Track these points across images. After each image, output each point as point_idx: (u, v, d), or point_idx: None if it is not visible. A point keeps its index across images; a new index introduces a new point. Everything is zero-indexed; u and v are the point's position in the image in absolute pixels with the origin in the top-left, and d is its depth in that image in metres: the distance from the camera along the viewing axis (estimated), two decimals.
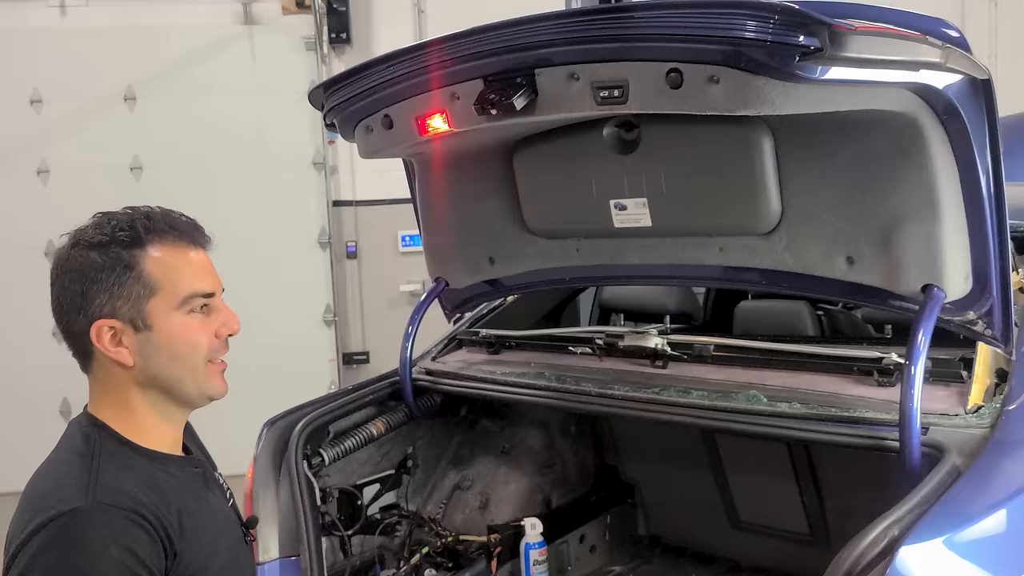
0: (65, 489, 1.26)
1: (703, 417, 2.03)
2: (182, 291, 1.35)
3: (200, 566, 1.33)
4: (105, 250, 1.32)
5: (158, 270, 1.34)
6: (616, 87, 1.65)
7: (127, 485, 1.28)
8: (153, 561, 1.25)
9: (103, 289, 1.32)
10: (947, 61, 1.55)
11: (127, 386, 1.35)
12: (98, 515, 1.23)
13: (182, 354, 1.35)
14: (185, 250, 1.37)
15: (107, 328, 1.32)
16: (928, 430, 1.68)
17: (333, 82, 2.08)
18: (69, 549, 1.20)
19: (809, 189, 1.88)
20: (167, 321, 1.34)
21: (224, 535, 1.44)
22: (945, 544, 1.37)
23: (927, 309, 1.72)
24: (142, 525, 1.25)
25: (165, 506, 1.30)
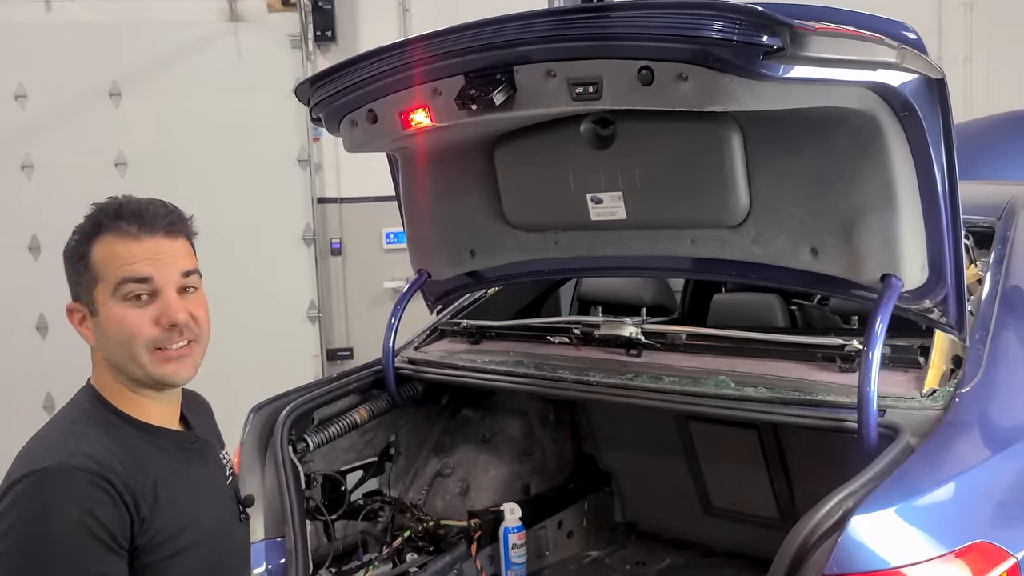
0: (43, 450, 1.34)
1: (674, 401, 2.11)
2: (113, 278, 1.40)
3: (172, 533, 1.38)
4: (75, 239, 1.45)
5: (100, 259, 1.41)
6: (591, 84, 1.73)
7: (101, 451, 1.35)
8: (114, 524, 1.30)
9: (70, 276, 1.45)
10: (903, 61, 1.63)
11: (106, 368, 1.45)
12: (64, 476, 1.29)
13: (120, 340, 1.41)
14: (129, 240, 1.42)
15: (75, 311, 1.45)
16: (885, 412, 1.77)
17: (319, 77, 2.14)
18: (33, 505, 1.28)
19: (776, 183, 1.96)
20: (107, 308, 1.41)
21: (210, 508, 1.50)
22: (895, 514, 1.46)
23: (885, 297, 1.81)
24: (106, 489, 1.31)
25: (140, 474, 1.36)
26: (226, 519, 1.55)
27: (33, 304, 6.00)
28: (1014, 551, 1.50)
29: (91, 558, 1.28)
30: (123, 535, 1.32)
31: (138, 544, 1.34)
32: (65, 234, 1.47)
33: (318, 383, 2.64)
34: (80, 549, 1.27)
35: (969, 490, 1.59)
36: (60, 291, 5.12)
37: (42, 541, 1.26)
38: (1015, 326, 2.00)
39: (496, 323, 2.80)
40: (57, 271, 5.41)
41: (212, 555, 1.47)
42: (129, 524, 1.32)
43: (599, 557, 2.84)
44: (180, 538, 1.39)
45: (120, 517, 1.31)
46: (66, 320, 1.46)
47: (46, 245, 5.95)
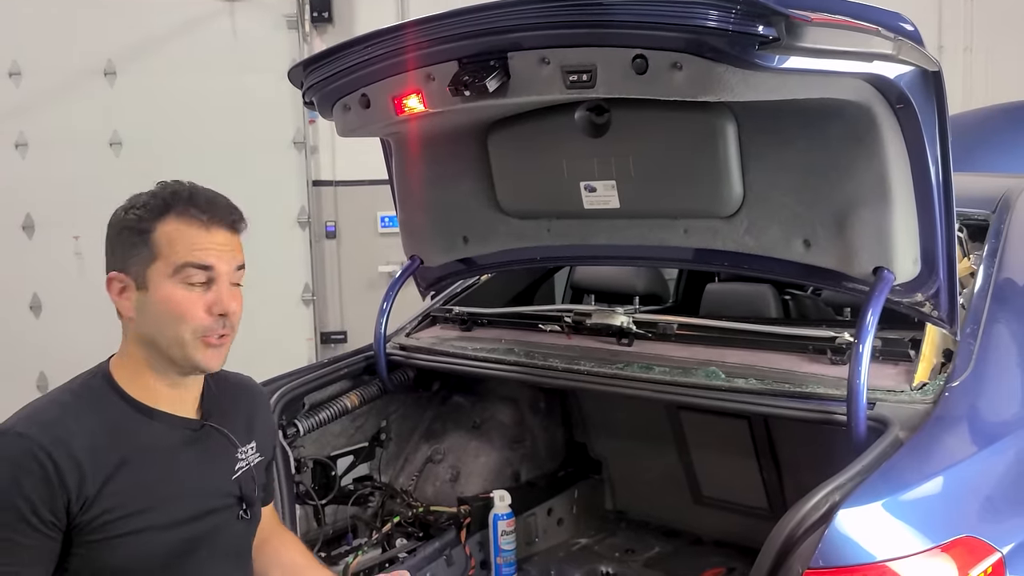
0: (18, 414, 1.42)
1: (664, 392, 2.11)
2: (177, 259, 1.45)
3: (125, 513, 1.40)
4: (136, 214, 1.48)
5: (164, 239, 1.46)
6: (584, 72, 1.72)
7: (70, 426, 1.39)
8: (40, 497, 1.34)
9: (121, 246, 1.48)
10: (899, 53, 1.62)
11: (132, 340, 1.50)
12: (8, 440, 1.36)
13: (168, 321, 1.46)
14: (199, 226, 1.48)
15: (117, 280, 1.48)
16: (875, 405, 1.77)
17: (312, 61, 2.13)
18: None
19: (769, 174, 1.95)
20: (160, 286, 1.46)
21: (193, 498, 1.50)
22: (882, 508, 1.46)
23: (877, 290, 1.80)
24: (42, 464, 1.34)
25: (103, 454, 1.39)
26: (210, 512, 1.53)
27: (27, 283, 5.99)
28: (1000, 546, 1.50)
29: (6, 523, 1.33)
30: (52, 511, 1.35)
31: (79, 521, 1.37)
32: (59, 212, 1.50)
33: (309, 368, 2.64)
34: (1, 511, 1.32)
35: (956, 484, 1.59)
36: (54, 270, 5.14)
37: None
38: (1007, 320, 2.00)
39: (488, 310, 2.80)
40: (51, 250, 5.43)
41: (178, 545, 1.47)
42: (64, 502, 1.35)
43: (588, 544, 2.85)
44: (133, 520, 1.41)
45: (50, 494, 1.34)
46: (59, 300, 1.48)
47: (40, 224, 5.94)
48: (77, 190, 5.92)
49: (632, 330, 2.38)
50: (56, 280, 5.98)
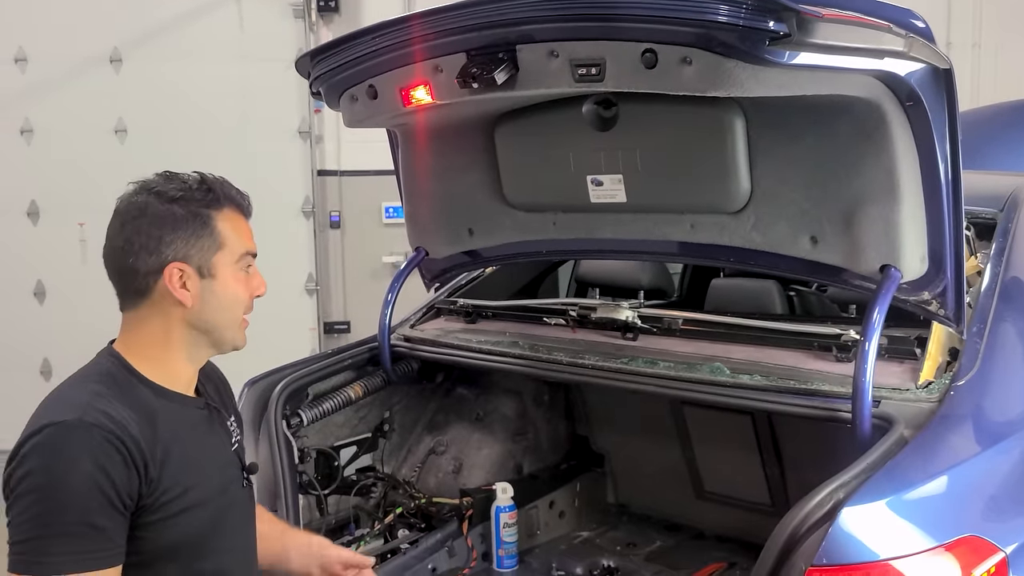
0: (63, 405, 1.40)
1: (668, 387, 2.11)
2: (240, 249, 1.54)
3: (178, 493, 1.45)
4: (186, 204, 1.49)
5: (226, 228, 1.52)
6: (593, 65, 1.71)
7: (118, 411, 1.40)
8: (122, 483, 1.37)
9: (181, 237, 1.48)
10: (910, 50, 1.61)
11: (174, 325, 1.50)
12: (81, 431, 1.36)
13: (229, 304, 1.53)
14: (242, 216, 1.57)
15: (177, 270, 1.48)
16: (880, 403, 1.77)
17: (320, 51, 2.12)
18: (50, 455, 1.34)
19: (777, 170, 1.95)
20: (226, 273, 1.52)
21: (215, 471, 1.56)
22: (886, 506, 1.46)
23: (884, 288, 1.80)
24: (119, 449, 1.37)
25: (152, 436, 1.42)
26: (229, 483, 1.60)
27: (31, 270, 6.00)
28: (1003, 545, 1.50)
29: (95, 511, 1.34)
30: (129, 494, 1.38)
31: (145, 503, 1.40)
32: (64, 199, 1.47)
33: (313, 358, 2.64)
34: (88, 500, 1.33)
35: (961, 484, 1.59)
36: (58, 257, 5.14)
37: (54, 489, 1.33)
38: (1013, 319, 1.99)
39: (492, 303, 2.79)
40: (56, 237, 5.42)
41: (214, 516, 1.53)
42: (137, 484, 1.39)
43: (590, 537, 2.85)
44: (185, 498, 1.46)
45: (129, 477, 1.38)
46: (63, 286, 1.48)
47: (45, 211, 5.94)
48: (82, 177, 5.92)
49: (637, 325, 2.37)
50: (60, 267, 5.99)
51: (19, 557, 1.33)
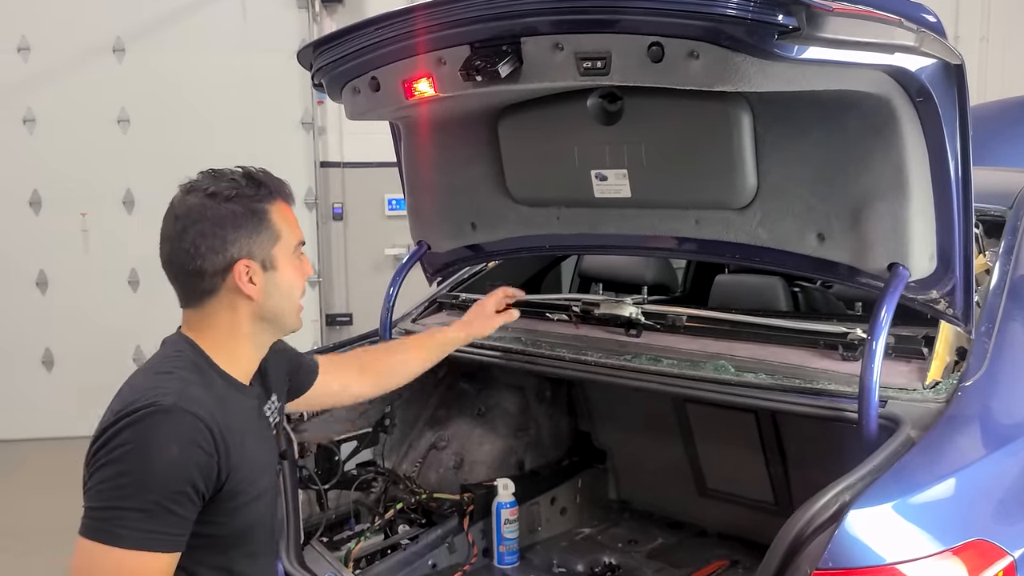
0: (157, 389, 1.44)
1: (672, 385, 2.09)
2: (295, 239, 1.60)
3: (250, 482, 1.51)
4: (241, 201, 1.53)
5: (279, 221, 1.57)
6: (599, 59, 1.68)
7: (206, 401, 1.46)
8: (205, 472, 1.42)
9: (244, 234, 1.52)
10: (921, 45, 1.58)
11: (243, 319, 1.56)
12: (176, 415, 1.40)
13: (290, 292, 1.60)
14: (289, 205, 1.62)
15: (244, 267, 1.53)
16: (886, 403, 1.74)
17: (322, 42, 2.09)
18: (142, 436, 1.38)
19: (784, 165, 1.92)
20: (286, 263, 1.58)
21: (269, 461, 1.65)
22: (893, 509, 1.43)
23: (891, 287, 1.77)
24: (207, 439, 1.42)
25: (228, 427, 1.47)
26: (275, 467, 1.70)
27: (33, 260, 6.00)
28: (1011, 549, 1.48)
29: (174, 496, 1.38)
30: (207, 484, 1.43)
31: (224, 489, 1.46)
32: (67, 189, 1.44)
33: (314, 352, 2.61)
34: (169, 484, 1.38)
35: (968, 486, 1.56)
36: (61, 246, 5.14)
37: (142, 467, 1.37)
38: (1022, 319, 1.96)
39: None
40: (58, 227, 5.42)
41: (271, 499, 1.64)
42: (216, 473, 1.44)
43: (591, 534, 2.84)
44: (254, 486, 1.53)
45: (209, 467, 1.42)
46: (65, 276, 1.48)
47: (47, 200, 5.94)
48: (85, 167, 5.92)
49: (641, 321, 2.35)
50: (63, 257, 5.99)
51: (91, 523, 1.37)
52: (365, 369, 2.17)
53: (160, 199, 1.66)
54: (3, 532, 4.46)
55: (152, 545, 1.37)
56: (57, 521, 4.46)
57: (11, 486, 5.15)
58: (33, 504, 4.80)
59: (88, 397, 6.02)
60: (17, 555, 4.21)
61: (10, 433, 5.89)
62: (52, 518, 4.57)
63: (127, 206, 6.02)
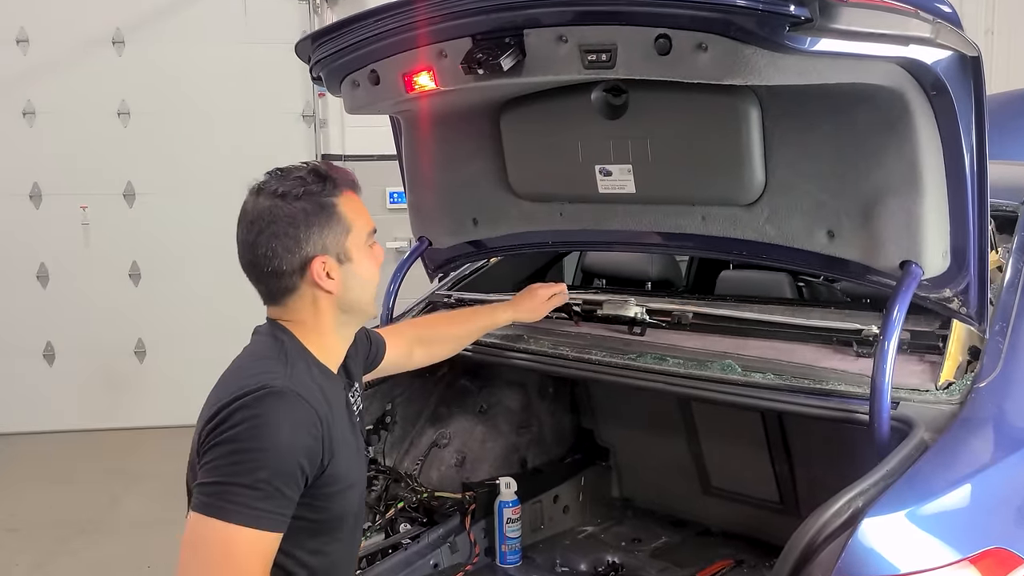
0: (268, 374, 1.48)
1: (678, 385, 2.05)
2: (367, 228, 1.62)
3: (345, 469, 1.55)
4: (309, 199, 1.54)
5: (349, 212, 1.58)
6: (604, 51, 1.64)
7: (312, 387, 1.51)
8: (312, 456, 1.45)
9: (316, 231, 1.53)
10: (937, 36, 1.54)
11: (327, 312, 1.58)
12: (289, 398, 1.44)
13: (369, 280, 1.62)
14: (358, 196, 1.63)
15: (320, 263, 1.54)
16: (898, 405, 1.70)
17: (320, 34, 2.05)
18: (256, 415, 1.41)
19: (793, 161, 1.88)
20: (360, 254, 1.59)
21: (358, 446, 1.67)
22: (907, 517, 1.40)
23: (904, 285, 1.73)
24: (315, 423, 1.46)
25: (329, 414, 1.52)
26: (362, 454, 1.71)
27: (34, 253, 5.97)
28: None
29: (284, 476, 1.41)
30: (311, 466, 1.46)
31: (327, 474, 1.49)
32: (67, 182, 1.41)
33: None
34: (280, 464, 1.40)
35: (985, 492, 1.52)
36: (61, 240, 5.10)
37: (255, 445, 1.40)
38: None
39: (492, 297, 2.72)
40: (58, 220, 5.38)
41: (362, 486, 1.68)
42: (320, 457, 1.47)
43: (594, 532, 2.81)
44: (351, 472, 1.57)
45: (316, 450, 1.46)
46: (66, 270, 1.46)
47: (47, 194, 5.91)
48: (84, 159, 5.88)
49: (646, 320, 2.31)
50: (63, 250, 5.96)
51: (203, 499, 1.39)
52: (423, 338, 2.24)
53: (161, 191, 1.63)
54: (6, 525, 4.45)
55: (261, 523, 1.39)
56: (57, 514, 4.49)
57: (13, 479, 5.13)
58: (33, 498, 4.78)
59: (89, 391, 6.05)
60: (17, 548, 4.20)
61: (11, 426, 5.87)
62: (52, 511, 4.59)
63: (128, 199, 5.98)
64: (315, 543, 1.55)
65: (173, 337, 5.99)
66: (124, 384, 6.04)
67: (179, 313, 5.94)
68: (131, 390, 6.03)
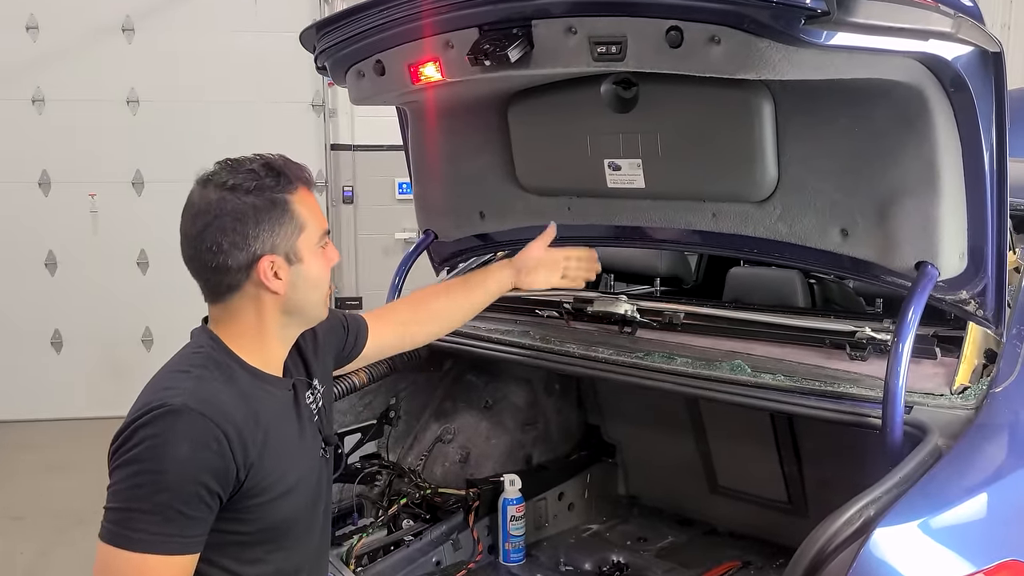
0: (168, 390, 1.42)
1: (687, 385, 2.01)
2: (320, 228, 1.53)
3: (277, 477, 1.47)
4: (261, 194, 1.46)
5: (303, 211, 1.50)
6: (614, 43, 1.60)
7: (223, 397, 1.43)
8: (218, 473, 1.38)
9: (266, 229, 1.46)
10: (958, 31, 1.49)
11: (269, 313, 1.51)
12: (187, 416, 1.37)
13: (320, 284, 1.55)
14: (312, 194, 1.55)
15: (269, 262, 1.47)
16: (912, 409, 1.66)
17: (326, 23, 2.02)
18: (153, 437, 1.36)
19: (807, 158, 1.83)
20: (311, 255, 1.51)
21: (306, 451, 1.59)
22: (920, 528, 1.36)
23: (919, 286, 1.69)
24: (218, 439, 1.38)
25: (254, 422, 1.44)
26: (317, 458, 1.63)
27: (42, 241, 5.97)
28: None
29: (185, 498, 1.36)
30: (222, 485, 1.39)
31: (248, 487, 1.43)
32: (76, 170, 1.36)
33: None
34: (179, 486, 1.35)
35: (1001, 502, 1.48)
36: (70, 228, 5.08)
37: (153, 469, 1.35)
38: None
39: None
40: (67, 208, 5.36)
41: (310, 493, 1.58)
42: (234, 473, 1.40)
43: (599, 531, 2.78)
44: (285, 480, 1.49)
45: (225, 468, 1.39)
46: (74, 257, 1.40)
47: (56, 181, 5.90)
48: (94, 147, 5.88)
49: (636, 319, 2.26)
50: (71, 238, 5.95)
51: (108, 526, 1.37)
52: (416, 318, 2.08)
53: (169, 180, 1.60)
54: (11, 513, 4.45)
55: (165, 548, 1.35)
56: (64, 502, 4.48)
57: (20, 467, 5.14)
58: (39, 485, 4.79)
59: (97, 379, 6.05)
60: (22, 536, 4.20)
61: (19, 414, 5.88)
62: (60, 499, 4.59)
63: (136, 187, 5.97)
64: (253, 553, 1.50)
65: (180, 326, 5.92)
66: (131, 372, 6.02)
67: (187, 302, 5.90)
68: (138, 378, 5.89)
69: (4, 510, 4.51)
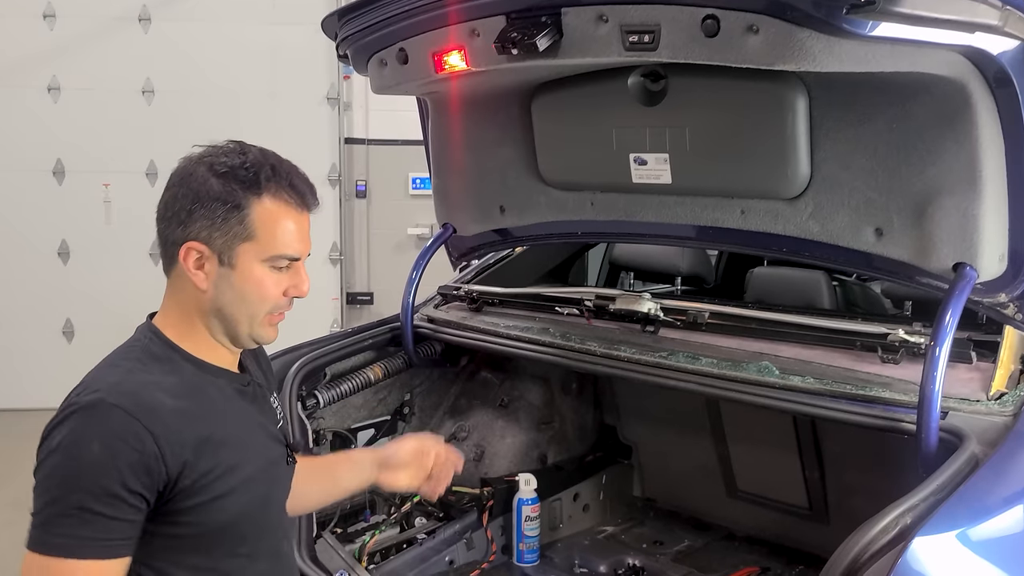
0: (92, 385, 1.34)
1: (711, 386, 1.96)
2: (273, 249, 1.40)
3: (220, 473, 1.37)
4: (225, 181, 1.37)
5: (261, 220, 1.38)
6: (647, 32, 1.55)
7: (153, 391, 1.34)
8: (138, 470, 1.29)
9: (208, 216, 1.37)
10: (1006, 24, 1.44)
11: (193, 306, 1.42)
12: (101, 411, 1.29)
13: (249, 300, 1.41)
14: (292, 211, 1.41)
15: (195, 251, 1.38)
16: (947, 414, 1.61)
17: (349, 10, 1.99)
18: (65, 436, 1.30)
19: (842, 154, 1.78)
20: (249, 267, 1.39)
21: (259, 449, 1.49)
22: (959, 538, 1.31)
23: (957, 288, 1.63)
24: (138, 433, 1.29)
25: (192, 415, 1.35)
26: (275, 461, 1.53)
27: (55, 229, 5.97)
28: None
29: (97, 497, 1.28)
30: (144, 481, 1.31)
31: (183, 486, 1.34)
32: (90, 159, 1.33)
33: (332, 337, 2.52)
34: (92, 485, 1.28)
35: None
36: (83, 217, 5.06)
37: (66, 470, 1.29)
38: None
39: (501, 290, 2.64)
40: (81, 197, 5.35)
41: (260, 495, 1.48)
42: (161, 470, 1.31)
43: (615, 533, 2.73)
44: (230, 477, 1.39)
45: (143, 463, 1.30)
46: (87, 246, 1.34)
47: (70, 170, 5.90)
48: (108, 137, 5.87)
49: (660, 318, 2.21)
50: (85, 227, 5.95)
51: (31, 531, 1.31)
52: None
53: None
54: (22, 503, 4.43)
55: (85, 552, 1.27)
56: None
57: (30, 456, 5.11)
58: None
59: None
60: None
61: (29, 403, 5.87)
62: None
63: (150, 178, 5.95)
64: (196, 559, 1.41)
65: None
66: None
67: None
68: None
69: (15, 500, 4.49)
